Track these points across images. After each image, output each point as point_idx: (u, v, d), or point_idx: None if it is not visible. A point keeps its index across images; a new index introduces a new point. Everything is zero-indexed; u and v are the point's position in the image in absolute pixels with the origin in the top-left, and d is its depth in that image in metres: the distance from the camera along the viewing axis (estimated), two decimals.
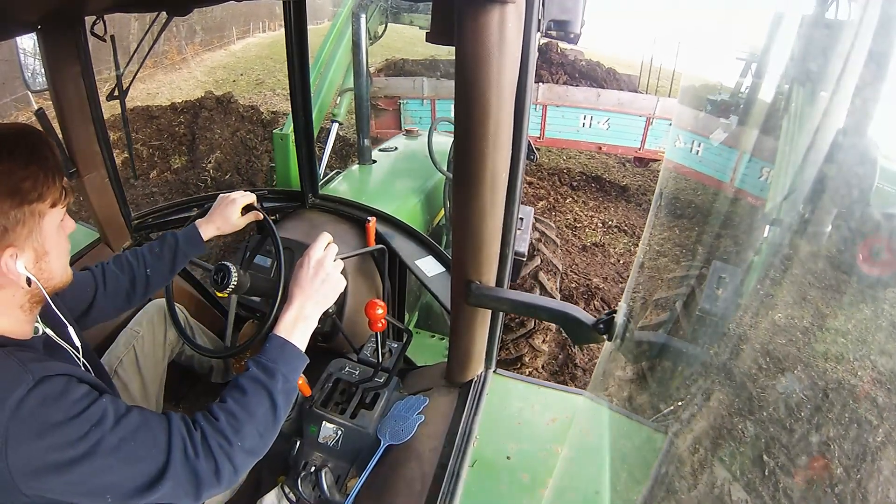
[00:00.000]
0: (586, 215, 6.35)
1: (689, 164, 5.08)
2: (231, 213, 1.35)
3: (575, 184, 7.25)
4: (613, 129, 6.88)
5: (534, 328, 3.28)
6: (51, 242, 0.81)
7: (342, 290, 1.03)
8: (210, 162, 6.58)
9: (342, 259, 1.07)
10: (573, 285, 4.58)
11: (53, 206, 0.80)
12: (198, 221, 1.34)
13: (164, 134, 7.35)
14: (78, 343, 0.93)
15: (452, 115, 0.89)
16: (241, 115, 7.81)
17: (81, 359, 0.94)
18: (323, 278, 0.99)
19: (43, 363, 0.74)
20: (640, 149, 6.91)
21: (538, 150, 7.01)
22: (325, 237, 1.05)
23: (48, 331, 0.88)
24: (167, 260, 1.28)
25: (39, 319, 0.87)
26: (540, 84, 6.98)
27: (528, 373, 3.28)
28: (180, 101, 8.51)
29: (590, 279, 4.78)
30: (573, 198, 6.81)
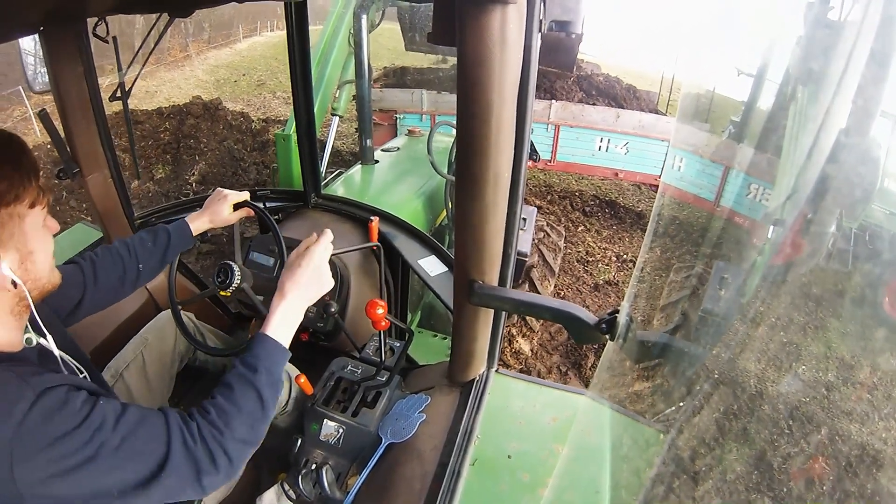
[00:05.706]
0: (599, 247, 5.87)
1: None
2: (222, 208, 1.38)
3: (588, 209, 6.73)
4: (632, 154, 6.28)
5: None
6: (34, 242, 0.81)
7: (329, 289, 1.05)
8: (193, 174, 6.34)
9: (338, 255, 1.09)
10: None
11: (32, 206, 0.80)
12: (189, 216, 1.36)
13: (149, 140, 7.13)
14: (57, 352, 0.91)
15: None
16: (229, 123, 7.45)
17: (74, 363, 0.94)
18: (318, 276, 1.02)
19: (41, 376, 0.75)
20: (660, 176, 6.32)
21: (537, 160, 6.53)
22: (329, 235, 1.07)
23: (42, 341, 0.87)
24: (158, 254, 1.30)
25: (30, 328, 0.86)
26: (553, 101, 6.37)
27: None
28: (167, 105, 8.19)
29: None
30: (585, 226, 6.35)
